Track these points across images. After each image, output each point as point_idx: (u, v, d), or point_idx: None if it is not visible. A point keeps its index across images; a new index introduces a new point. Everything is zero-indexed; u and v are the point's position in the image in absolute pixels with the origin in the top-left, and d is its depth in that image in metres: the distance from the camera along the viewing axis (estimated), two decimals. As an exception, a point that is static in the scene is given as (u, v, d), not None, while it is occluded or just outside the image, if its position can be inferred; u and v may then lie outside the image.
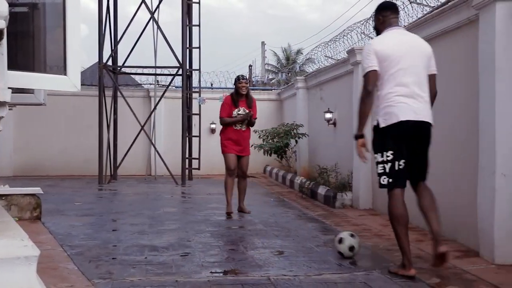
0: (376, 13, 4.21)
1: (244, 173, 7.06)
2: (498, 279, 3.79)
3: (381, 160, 3.91)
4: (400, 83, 3.86)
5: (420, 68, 3.97)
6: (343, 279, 3.83)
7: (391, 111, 3.84)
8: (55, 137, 13.03)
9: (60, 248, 4.76)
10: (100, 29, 11.48)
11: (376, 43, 4.02)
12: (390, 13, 4.12)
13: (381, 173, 3.92)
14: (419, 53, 4.00)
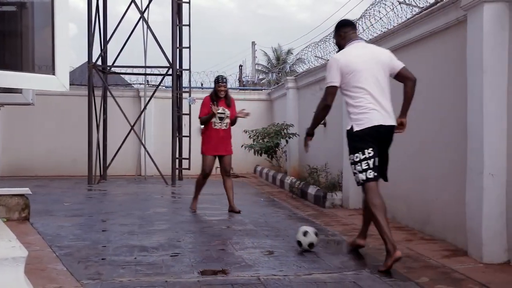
0: (336, 30, 4.63)
1: (227, 172, 7.15)
2: (485, 278, 3.83)
3: (364, 157, 4.28)
4: (367, 93, 4.28)
5: (382, 76, 4.37)
6: (333, 279, 3.84)
7: (365, 117, 4.26)
8: (44, 137, 12.93)
9: (48, 249, 4.73)
10: (89, 28, 11.42)
11: (341, 57, 4.38)
12: (350, 29, 4.57)
13: (366, 168, 4.28)
14: (380, 63, 4.38)
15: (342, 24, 4.62)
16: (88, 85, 11.40)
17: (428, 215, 5.59)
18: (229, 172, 7.18)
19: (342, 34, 4.56)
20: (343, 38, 4.55)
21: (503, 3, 4.24)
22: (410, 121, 6.08)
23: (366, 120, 4.25)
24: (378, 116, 4.27)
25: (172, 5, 11.44)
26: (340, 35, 4.58)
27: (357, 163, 4.31)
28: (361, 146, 4.28)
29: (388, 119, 4.33)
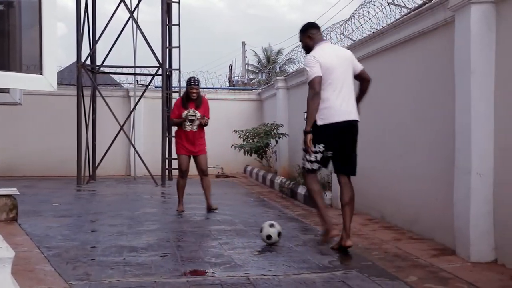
0: (304, 32, 4.90)
1: (204, 171, 7.25)
2: (473, 277, 3.86)
3: (314, 150, 4.70)
4: (335, 89, 4.62)
5: (348, 75, 4.76)
6: (322, 278, 3.85)
7: (329, 113, 4.60)
8: (32, 137, 12.84)
9: (36, 250, 4.70)
10: (78, 27, 11.35)
11: (318, 54, 4.67)
12: (317, 31, 4.90)
13: (313, 161, 4.73)
14: (346, 62, 4.77)
15: (309, 26, 4.89)
16: (77, 85, 11.33)
17: (416, 215, 5.62)
18: (206, 171, 7.28)
19: (310, 35, 4.85)
20: (311, 39, 4.84)
21: (490, 4, 4.28)
22: (399, 121, 6.13)
23: (330, 116, 4.60)
24: (340, 112, 4.62)
25: (162, 4, 11.41)
26: (308, 37, 4.85)
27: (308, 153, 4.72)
28: (316, 139, 4.64)
29: (352, 114, 4.71)
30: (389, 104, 6.39)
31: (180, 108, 7.07)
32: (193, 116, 7.04)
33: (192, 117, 7.03)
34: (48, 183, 11.21)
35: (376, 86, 6.81)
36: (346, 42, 8.20)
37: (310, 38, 4.85)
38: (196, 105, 7.09)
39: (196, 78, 7.21)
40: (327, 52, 4.72)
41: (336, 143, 4.69)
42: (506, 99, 4.17)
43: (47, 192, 9.54)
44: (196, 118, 7.04)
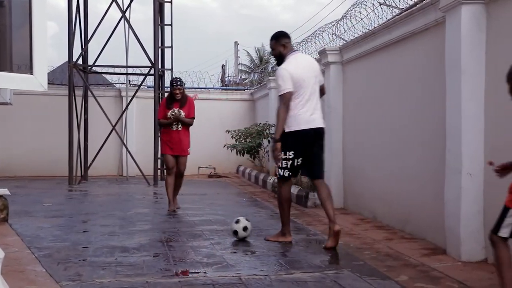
0: (277, 41, 5.05)
1: (181, 172, 7.37)
2: (463, 276, 3.89)
3: (285, 157, 4.93)
4: (303, 98, 4.85)
5: (316, 85, 5.01)
6: (314, 278, 3.86)
7: (298, 120, 4.83)
8: (24, 137, 12.77)
9: (27, 250, 4.68)
10: (69, 27, 11.30)
11: (290, 67, 4.88)
12: (289, 40, 5.07)
13: (284, 167, 4.96)
14: (314, 72, 5.01)
15: (282, 35, 5.07)
16: (69, 84, 11.28)
17: (408, 214, 5.65)
18: (182, 172, 7.42)
19: (284, 44, 5.03)
20: (285, 48, 5.01)
21: (480, 4, 4.30)
22: (391, 121, 6.16)
23: (297, 123, 4.83)
24: (306, 120, 4.86)
25: (154, 4, 11.38)
26: (282, 45, 5.02)
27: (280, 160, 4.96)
28: (285, 147, 4.87)
29: (319, 122, 4.97)
30: (381, 104, 6.42)
31: (165, 109, 7.20)
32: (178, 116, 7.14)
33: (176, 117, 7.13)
34: (39, 183, 11.15)
35: (368, 87, 6.86)
36: (338, 42, 8.22)
37: (284, 46, 5.03)
38: (181, 104, 7.18)
39: (179, 79, 7.32)
40: (299, 63, 4.94)
41: (304, 150, 4.92)
42: (496, 99, 4.20)
43: (38, 192, 9.49)
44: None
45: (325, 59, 7.76)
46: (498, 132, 4.17)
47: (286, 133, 4.85)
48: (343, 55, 7.54)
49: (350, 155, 7.42)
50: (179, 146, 7.24)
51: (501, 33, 4.16)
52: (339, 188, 7.60)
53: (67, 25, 11.30)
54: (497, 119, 4.18)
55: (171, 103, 7.18)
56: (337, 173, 7.60)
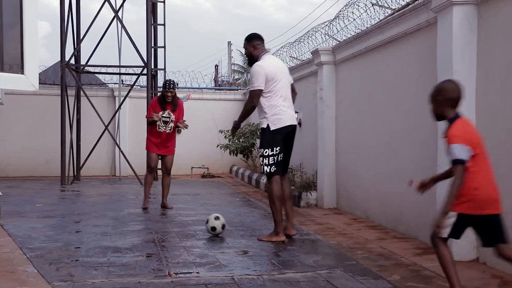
0: (249, 41, 5.29)
1: (167, 170, 7.47)
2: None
3: (272, 153, 5.09)
4: (282, 97, 5.11)
5: (288, 84, 5.29)
6: (306, 278, 3.87)
7: (280, 118, 5.07)
8: (16, 137, 12.69)
9: (19, 251, 4.65)
10: (62, 27, 11.25)
11: (266, 65, 5.11)
12: (261, 42, 5.30)
13: (272, 163, 5.11)
14: (286, 73, 5.30)
15: (254, 37, 5.31)
16: (61, 84, 11.23)
17: (400, 214, 5.67)
18: (169, 170, 7.51)
19: (255, 45, 5.27)
20: (256, 49, 5.26)
21: (471, 5, 4.33)
22: (384, 121, 6.18)
23: (280, 121, 5.07)
24: (289, 117, 5.14)
25: (147, 4, 11.35)
26: (253, 46, 5.27)
27: (266, 157, 5.12)
28: (272, 143, 5.09)
29: (294, 120, 5.24)
30: (374, 104, 6.44)
31: (157, 108, 7.25)
32: (168, 118, 7.23)
33: (166, 119, 7.22)
34: (32, 183, 11.10)
35: (361, 87, 6.87)
36: (331, 43, 8.24)
37: (254, 47, 5.27)
38: (173, 107, 7.28)
39: (172, 81, 7.39)
40: (272, 63, 5.21)
41: (284, 146, 5.18)
42: (488, 99, 4.23)
43: (30, 192, 9.44)
44: (170, 120, 7.23)
45: (318, 59, 7.78)
46: (489, 131, 4.19)
47: (273, 130, 5.07)
48: (336, 55, 7.56)
49: (343, 155, 7.43)
50: (166, 146, 7.35)
51: (492, 34, 4.19)
52: (332, 188, 7.62)
53: (59, 25, 11.24)
54: (488, 118, 4.21)
55: (164, 104, 7.25)
56: (330, 173, 7.62)
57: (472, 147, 3.08)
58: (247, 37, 5.32)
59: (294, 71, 9.92)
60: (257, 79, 5.05)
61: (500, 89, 4.10)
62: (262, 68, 5.07)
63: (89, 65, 12.10)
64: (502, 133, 4.06)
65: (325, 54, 7.66)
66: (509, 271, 3.91)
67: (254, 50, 5.26)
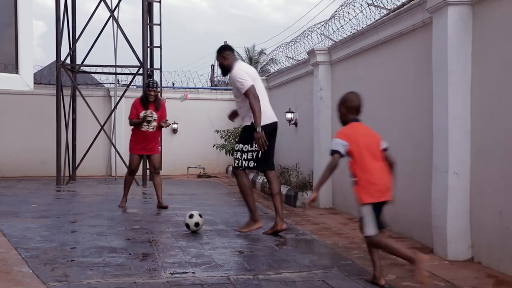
0: (220, 53, 5.61)
1: (156, 169, 7.53)
2: (450, 275, 3.92)
3: (251, 149, 5.37)
4: (263, 96, 5.40)
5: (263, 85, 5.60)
6: (302, 278, 3.87)
7: (265, 115, 5.31)
8: (11, 137, 12.65)
9: (14, 251, 4.64)
10: (57, 26, 11.22)
11: (245, 68, 5.54)
12: (231, 52, 5.63)
13: (250, 159, 5.40)
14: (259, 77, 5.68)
15: (224, 48, 5.65)
16: (57, 84, 11.20)
17: (396, 214, 5.68)
18: (158, 169, 7.56)
19: (225, 56, 5.58)
20: (226, 59, 5.56)
21: (466, 5, 4.35)
22: (378, 121, 6.18)
23: (265, 118, 5.30)
24: (271, 115, 5.45)
25: (143, 4, 11.33)
26: (223, 57, 5.58)
27: (245, 152, 5.40)
28: (252, 139, 5.31)
29: (275, 117, 5.54)
30: (369, 104, 6.42)
31: (139, 108, 7.31)
32: (151, 117, 7.25)
33: (149, 118, 7.25)
34: (27, 183, 11.06)
35: (357, 87, 6.88)
36: (327, 43, 8.25)
37: (224, 58, 5.57)
38: (155, 107, 7.32)
39: (155, 81, 7.46)
40: (247, 67, 5.65)
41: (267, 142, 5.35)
42: (482, 99, 4.24)
43: (26, 192, 9.41)
44: (153, 119, 7.26)
45: (314, 59, 7.79)
46: (484, 131, 4.21)
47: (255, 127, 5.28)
48: (332, 55, 7.57)
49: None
50: (150, 146, 7.40)
51: (487, 34, 4.20)
52: (328, 188, 7.62)
53: (55, 25, 11.21)
54: (483, 118, 4.22)
55: (147, 104, 7.31)
56: (326, 173, 7.62)
57: (353, 144, 3.68)
58: (218, 50, 5.64)
59: (290, 71, 9.94)
60: (244, 79, 5.31)
61: (495, 89, 4.11)
62: (242, 70, 5.41)
63: (84, 65, 12.07)
64: (498, 134, 4.07)
65: (321, 54, 7.67)
66: (504, 271, 3.93)
67: (225, 60, 5.57)
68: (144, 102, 7.31)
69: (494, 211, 4.06)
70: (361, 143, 3.70)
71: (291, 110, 9.54)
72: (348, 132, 3.77)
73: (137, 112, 7.29)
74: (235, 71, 5.42)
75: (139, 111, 7.26)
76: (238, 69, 5.43)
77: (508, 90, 3.93)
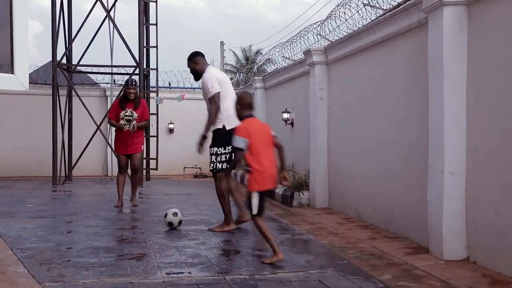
0: (190, 60, 5.91)
1: (135, 169, 7.64)
2: (445, 275, 3.93)
3: (224, 152, 5.61)
4: (231, 101, 5.48)
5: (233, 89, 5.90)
6: (298, 277, 3.88)
7: (232, 119, 5.32)
8: (7, 137, 12.63)
9: (10, 251, 4.62)
10: (53, 26, 11.20)
11: (215, 73, 5.82)
12: (202, 57, 5.92)
13: (224, 161, 5.62)
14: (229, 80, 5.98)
15: (195, 54, 5.92)
16: (53, 84, 11.18)
17: (392, 214, 5.70)
18: (137, 169, 7.66)
19: (196, 61, 5.87)
20: (198, 64, 5.85)
21: (462, 6, 4.35)
22: (374, 121, 6.20)
23: (233, 121, 5.36)
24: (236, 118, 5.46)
25: (139, 3, 11.32)
26: (195, 62, 5.87)
27: (219, 155, 5.63)
28: (226, 142, 5.48)
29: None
30: (366, 104, 6.46)
31: (118, 109, 7.34)
32: (130, 117, 7.29)
33: (129, 117, 7.28)
34: (23, 183, 11.04)
35: (353, 86, 6.90)
36: (323, 43, 8.26)
37: (196, 63, 5.86)
38: (134, 106, 7.33)
39: (134, 80, 7.49)
40: (217, 72, 5.97)
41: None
42: (478, 99, 4.25)
43: (22, 192, 9.39)
44: (133, 119, 7.29)
45: (310, 59, 7.79)
46: (480, 131, 4.22)
47: (229, 130, 5.50)
48: (328, 55, 7.58)
49: (335, 155, 7.45)
50: (132, 145, 7.42)
51: (482, 34, 4.21)
52: (324, 188, 7.63)
53: (51, 24, 11.18)
54: (479, 118, 4.23)
55: (125, 103, 7.31)
56: (322, 172, 7.64)
57: (249, 139, 4.30)
58: (188, 57, 5.93)
59: (287, 71, 9.94)
60: (212, 85, 5.61)
61: (490, 89, 4.13)
62: (212, 75, 5.70)
63: (81, 64, 12.06)
64: (494, 133, 4.08)
65: (317, 54, 7.68)
66: (499, 270, 3.94)
67: (197, 65, 5.86)
68: (122, 102, 7.33)
69: (489, 210, 4.08)
70: (256, 137, 4.34)
71: (287, 110, 9.54)
72: (246, 128, 4.38)
73: (116, 112, 7.34)
74: (206, 76, 5.72)
75: (118, 112, 7.29)
76: (209, 74, 5.73)
77: (504, 89, 3.94)
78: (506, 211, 3.89)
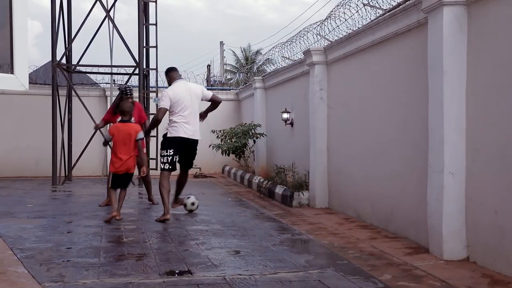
0: (167, 74, 6.82)
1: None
2: (445, 275, 3.93)
3: (166, 154, 6.52)
4: (182, 115, 6.46)
5: (195, 104, 6.62)
6: (298, 277, 3.88)
7: (176, 130, 6.46)
8: (6, 137, 12.61)
9: (9, 252, 4.62)
10: (53, 26, 11.19)
11: (170, 91, 6.48)
12: (175, 72, 6.80)
13: (165, 162, 6.52)
14: (193, 95, 6.59)
15: (169, 70, 6.81)
16: (52, 84, 11.16)
17: (391, 214, 5.70)
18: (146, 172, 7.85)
19: (170, 76, 6.75)
20: (170, 79, 6.72)
21: (461, 6, 4.36)
22: (373, 121, 6.20)
23: (176, 132, 6.45)
24: (184, 131, 6.48)
25: (139, 4, 11.31)
26: (168, 78, 6.79)
27: (162, 156, 6.56)
28: (167, 146, 6.51)
29: (192, 134, 6.57)
30: (365, 104, 6.46)
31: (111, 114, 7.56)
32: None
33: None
34: (22, 183, 11.03)
35: (353, 87, 6.90)
36: (322, 43, 8.26)
37: (170, 78, 6.74)
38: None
39: (130, 88, 7.52)
40: (178, 88, 6.53)
41: (181, 151, 6.57)
42: (477, 99, 4.25)
43: (21, 193, 9.39)
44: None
45: (310, 59, 7.79)
46: (479, 131, 4.23)
47: (168, 137, 6.50)
48: (327, 55, 7.58)
49: (335, 155, 7.45)
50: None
51: (482, 34, 4.22)
52: (324, 188, 7.63)
53: (50, 24, 11.17)
54: (478, 118, 4.24)
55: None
56: (322, 173, 7.64)
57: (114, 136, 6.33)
58: (166, 71, 6.82)
59: (286, 71, 9.94)
60: (163, 100, 6.44)
61: (490, 88, 4.13)
62: (167, 93, 6.44)
63: (80, 64, 12.04)
64: (493, 133, 4.08)
65: (317, 54, 7.68)
66: (499, 270, 3.95)
67: (170, 80, 6.73)
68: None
69: (489, 210, 4.08)
70: (117, 135, 6.29)
71: (287, 110, 9.54)
72: (113, 128, 6.49)
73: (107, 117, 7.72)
74: (164, 91, 6.58)
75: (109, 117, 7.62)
76: (167, 90, 6.55)
77: (503, 89, 3.94)
78: (506, 211, 3.89)
